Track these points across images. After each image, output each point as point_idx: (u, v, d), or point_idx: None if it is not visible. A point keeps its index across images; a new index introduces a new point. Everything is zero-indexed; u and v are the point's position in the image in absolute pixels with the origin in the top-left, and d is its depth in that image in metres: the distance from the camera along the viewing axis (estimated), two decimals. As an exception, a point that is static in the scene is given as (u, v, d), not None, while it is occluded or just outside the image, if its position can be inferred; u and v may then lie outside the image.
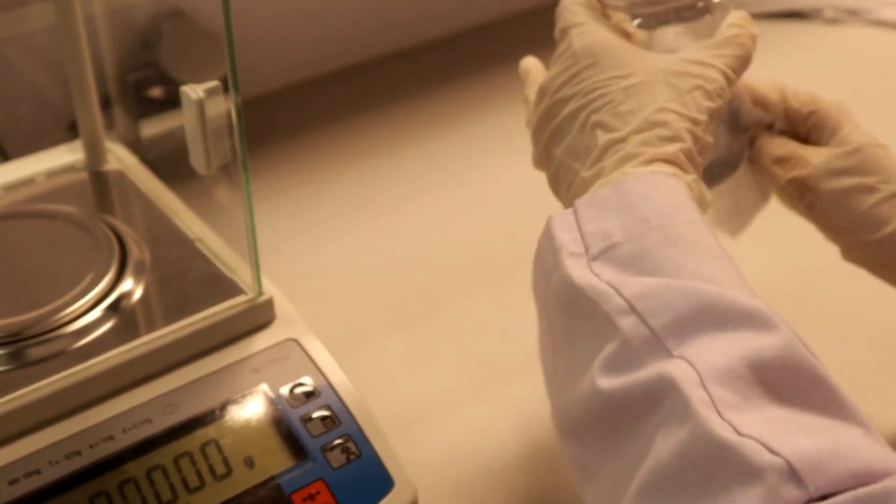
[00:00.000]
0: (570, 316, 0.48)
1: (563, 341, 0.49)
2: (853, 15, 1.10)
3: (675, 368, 0.42)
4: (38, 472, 0.51)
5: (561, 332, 0.49)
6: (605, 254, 0.47)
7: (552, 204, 0.57)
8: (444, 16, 1.08)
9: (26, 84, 0.84)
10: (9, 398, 0.52)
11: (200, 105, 0.55)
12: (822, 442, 0.39)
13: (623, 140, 0.51)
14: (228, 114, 0.56)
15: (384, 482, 0.54)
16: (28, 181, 0.69)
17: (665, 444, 0.41)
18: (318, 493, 0.53)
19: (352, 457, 0.54)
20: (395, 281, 0.78)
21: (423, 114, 0.97)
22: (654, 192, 0.49)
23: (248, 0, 0.89)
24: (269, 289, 0.59)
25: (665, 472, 0.40)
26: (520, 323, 0.74)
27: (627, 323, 0.44)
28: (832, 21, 1.09)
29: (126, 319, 0.58)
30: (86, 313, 0.57)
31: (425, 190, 0.88)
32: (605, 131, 0.52)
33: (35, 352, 0.55)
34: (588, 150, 0.52)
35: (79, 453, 0.52)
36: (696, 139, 0.52)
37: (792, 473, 0.37)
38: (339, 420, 0.55)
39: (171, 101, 0.86)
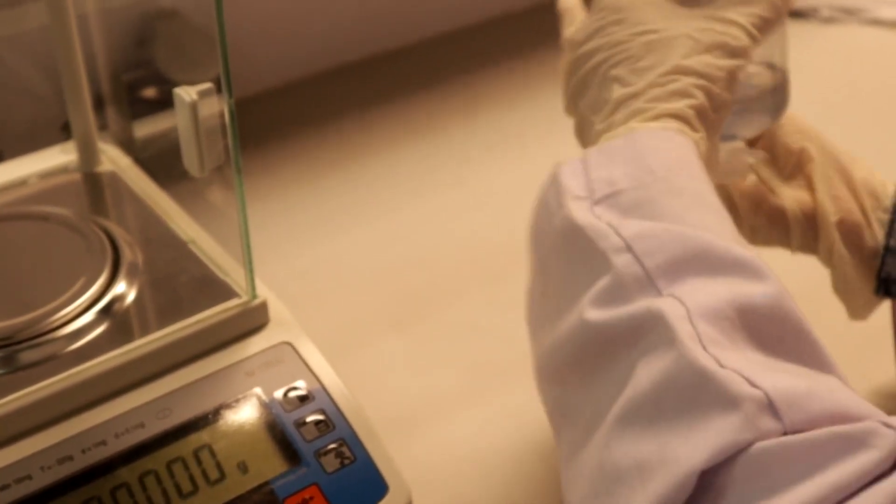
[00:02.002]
0: (567, 255, 0.48)
1: (556, 281, 0.50)
2: (849, 14, 1.09)
3: (664, 304, 0.43)
4: (29, 477, 0.51)
5: (555, 271, 0.50)
6: (609, 199, 0.48)
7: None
8: (441, 14, 1.07)
9: (19, 84, 0.84)
10: (1, 402, 0.52)
11: (194, 107, 0.55)
12: (801, 382, 0.40)
13: (636, 95, 0.52)
14: (222, 115, 0.55)
15: (378, 487, 0.54)
16: (21, 182, 0.68)
17: (646, 373, 0.42)
18: (311, 498, 0.53)
19: (346, 461, 0.54)
20: (390, 282, 0.78)
21: (419, 113, 0.96)
22: (662, 147, 0.49)
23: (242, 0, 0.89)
24: (263, 291, 0.59)
25: (644, 398, 0.41)
26: (516, 324, 0.74)
27: (621, 260, 0.45)
28: (828, 20, 1.09)
29: (119, 323, 0.57)
30: (78, 317, 0.57)
31: (421, 190, 0.87)
32: (621, 85, 0.53)
33: (26, 355, 0.55)
34: (605, 104, 0.53)
35: (71, 458, 0.52)
36: (712, 96, 0.52)
37: (769, 405, 0.39)
38: (334, 424, 0.55)
39: (165, 102, 0.85)
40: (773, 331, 0.43)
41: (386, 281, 0.78)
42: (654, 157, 0.49)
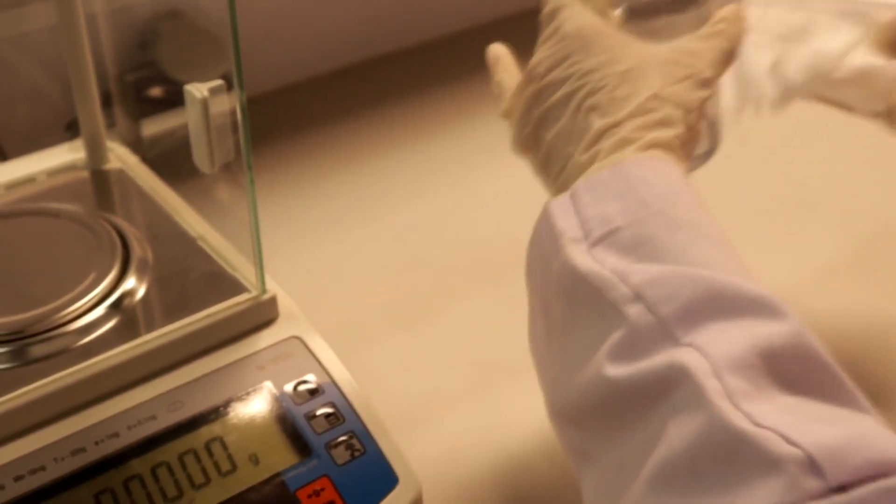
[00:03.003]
0: (570, 303, 0.47)
1: (561, 328, 0.49)
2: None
3: (686, 357, 0.42)
4: (43, 468, 0.51)
5: (560, 319, 0.49)
6: (607, 239, 0.47)
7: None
8: (443, 16, 1.08)
9: (24, 83, 0.84)
10: (14, 395, 0.52)
11: (204, 104, 0.55)
12: (839, 432, 0.39)
13: (618, 124, 0.51)
14: (232, 112, 0.56)
15: (389, 479, 0.54)
16: (29, 180, 0.69)
17: (678, 434, 0.41)
18: (322, 489, 0.53)
19: (356, 453, 0.55)
20: (394, 280, 0.79)
21: (423, 113, 0.97)
22: (653, 177, 0.48)
23: (248, 0, 0.89)
24: (272, 286, 0.60)
25: (679, 461, 0.40)
26: (520, 322, 0.74)
27: (635, 311, 0.44)
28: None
29: (129, 317, 0.58)
30: (89, 311, 0.57)
31: (425, 189, 0.88)
32: (601, 115, 0.51)
33: (40, 349, 0.55)
34: (582, 134, 0.52)
35: (84, 450, 0.52)
36: (688, 128, 0.52)
37: (812, 464, 0.37)
38: (343, 417, 0.56)
39: (171, 101, 0.86)
40: (797, 369, 0.42)
41: (390, 279, 0.79)
42: (646, 189, 0.48)
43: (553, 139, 0.53)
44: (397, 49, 1.05)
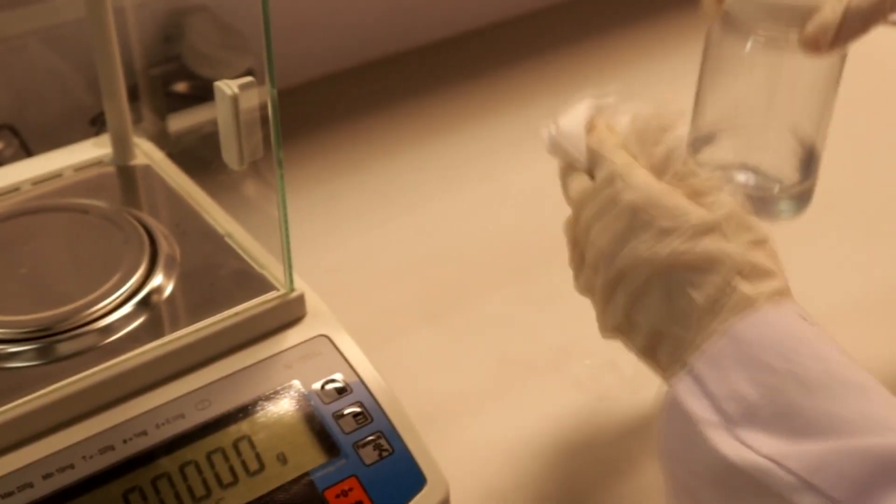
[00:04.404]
0: (726, 494, 0.46)
1: None
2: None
3: None
4: (71, 466, 0.51)
5: None
6: (746, 418, 0.45)
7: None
8: (470, 11, 1.08)
9: (48, 78, 0.84)
10: (43, 392, 0.52)
11: (235, 101, 0.55)
12: None
13: (723, 289, 0.49)
14: (261, 109, 0.55)
15: (417, 479, 0.54)
16: (56, 175, 0.68)
17: None
18: (351, 489, 0.53)
19: (384, 453, 0.54)
20: (420, 276, 0.78)
21: (448, 108, 0.96)
22: (769, 333, 0.47)
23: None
24: (300, 284, 0.59)
25: None
26: (546, 319, 0.75)
27: (808, 501, 0.43)
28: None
29: (158, 315, 0.58)
30: (118, 308, 0.57)
31: (450, 185, 0.87)
32: (696, 287, 0.49)
33: (68, 346, 0.55)
34: (686, 313, 0.49)
35: (112, 448, 0.52)
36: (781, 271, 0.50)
37: None
38: (371, 417, 0.55)
39: (195, 96, 0.86)
40: None
41: (416, 275, 0.78)
42: (767, 351, 0.46)
43: (655, 322, 0.51)
44: (422, 43, 1.05)
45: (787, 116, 0.66)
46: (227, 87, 0.55)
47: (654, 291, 0.50)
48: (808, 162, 0.67)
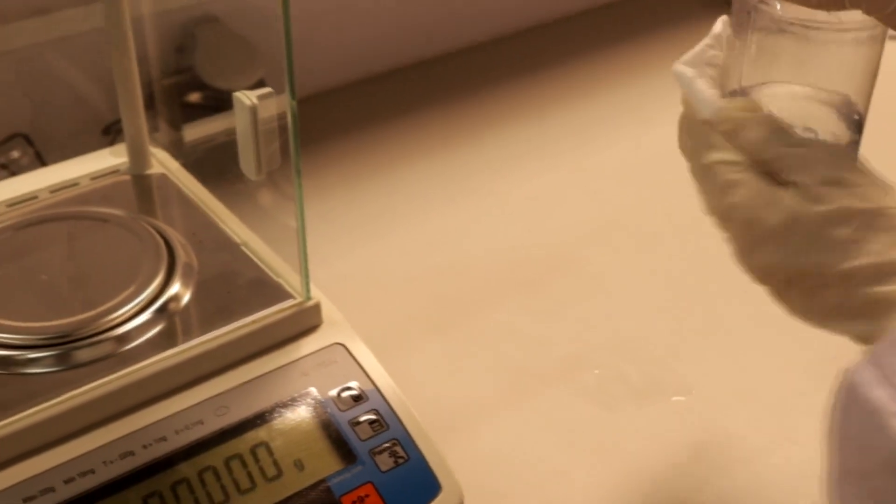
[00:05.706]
0: None
1: None
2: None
3: None
4: (92, 471, 0.52)
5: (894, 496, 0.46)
6: None
7: (584, 211, 0.55)
8: (477, 24, 1.08)
9: (61, 87, 0.85)
10: (64, 398, 0.53)
11: (254, 111, 0.56)
12: None
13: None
14: (280, 118, 0.56)
15: (432, 486, 0.55)
16: (73, 184, 0.69)
17: None
18: (367, 496, 0.53)
19: (400, 461, 0.55)
20: (428, 287, 0.79)
21: (457, 121, 0.97)
22: None
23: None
24: (316, 293, 0.60)
25: None
26: (554, 330, 0.75)
27: None
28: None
29: (175, 322, 0.58)
30: (136, 315, 0.58)
31: (459, 196, 0.88)
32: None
33: (87, 353, 0.56)
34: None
35: (132, 454, 0.53)
36: None
37: None
38: (387, 424, 0.56)
39: (208, 106, 0.87)
40: None
41: (424, 285, 0.79)
42: None
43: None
44: (429, 56, 1.06)
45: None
46: (245, 97, 0.56)
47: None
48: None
